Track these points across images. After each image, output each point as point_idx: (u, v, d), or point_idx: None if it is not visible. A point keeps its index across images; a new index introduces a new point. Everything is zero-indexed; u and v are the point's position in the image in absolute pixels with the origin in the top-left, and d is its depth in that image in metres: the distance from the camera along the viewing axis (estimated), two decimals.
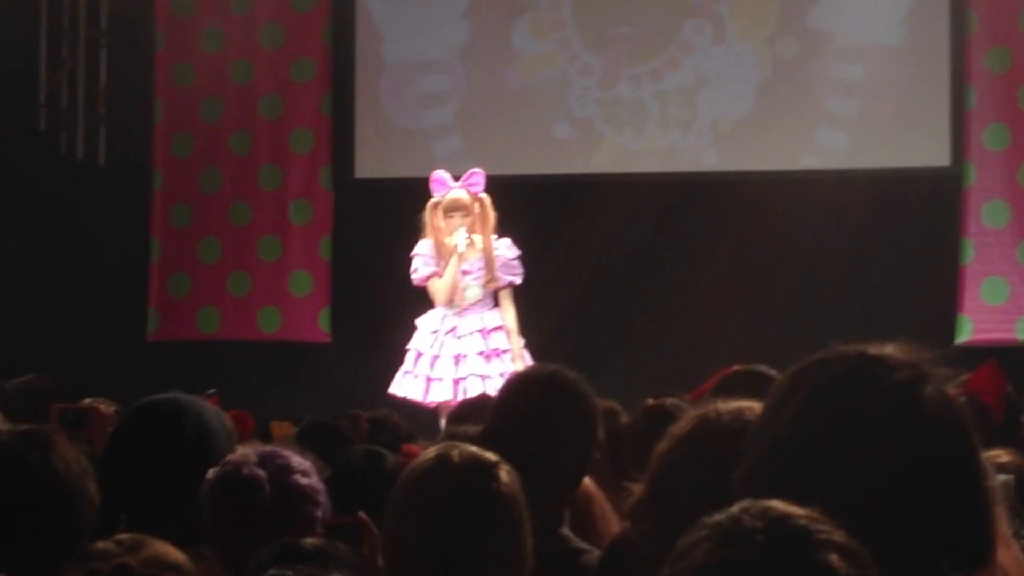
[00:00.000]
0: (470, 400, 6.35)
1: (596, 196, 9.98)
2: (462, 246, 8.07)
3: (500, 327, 8.15)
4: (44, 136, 10.73)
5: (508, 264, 8.20)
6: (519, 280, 8.22)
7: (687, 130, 9.93)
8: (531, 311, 8.39)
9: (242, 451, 3.26)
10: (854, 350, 1.85)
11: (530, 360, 7.90)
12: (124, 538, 2.40)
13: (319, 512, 3.18)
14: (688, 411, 2.58)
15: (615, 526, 3.67)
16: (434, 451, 2.86)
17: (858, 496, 1.71)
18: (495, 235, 8.20)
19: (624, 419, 4.59)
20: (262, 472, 3.16)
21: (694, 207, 9.87)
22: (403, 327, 8.40)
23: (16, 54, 10.49)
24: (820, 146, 9.75)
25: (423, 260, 8.21)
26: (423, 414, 8.04)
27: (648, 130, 9.98)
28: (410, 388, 8.14)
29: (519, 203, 8.85)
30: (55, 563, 2.61)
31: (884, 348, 1.84)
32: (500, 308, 8.20)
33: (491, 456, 2.84)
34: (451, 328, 8.15)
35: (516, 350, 8.09)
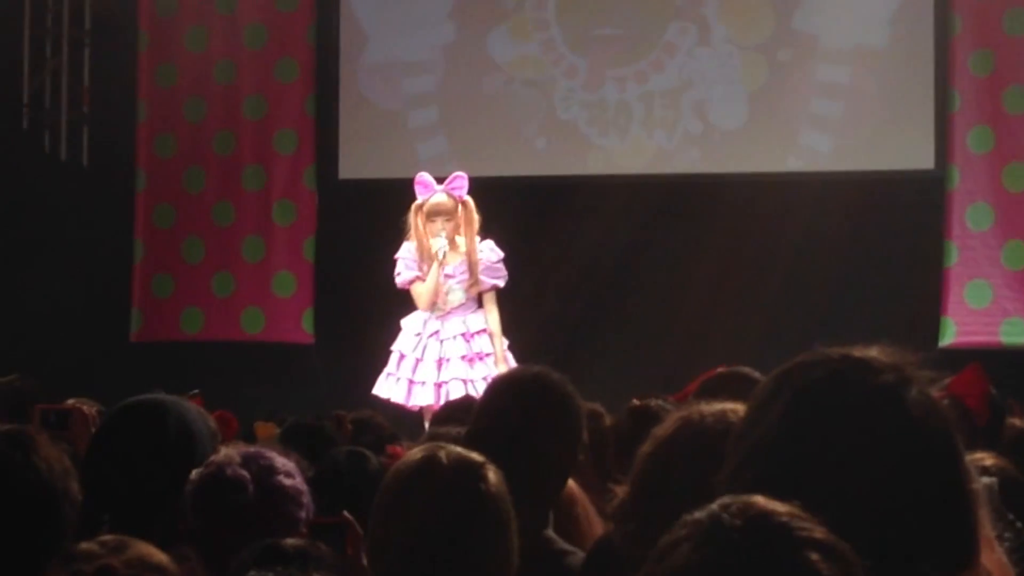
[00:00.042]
0: (454, 401, 6.33)
1: (581, 198, 9.97)
2: (441, 254, 8.04)
3: (483, 330, 8.13)
4: (27, 136, 10.70)
5: (492, 267, 8.18)
6: (503, 283, 8.19)
7: (672, 132, 9.93)
8: (515, 313, 8.38)
9: (226, 452, 3.26)
10: (838, 352, 1.85)
11: (513, 362, 7.88)
12: (107, 539, 2.39)
13: (303, 513, 3.18)
14: (672, 413, 2.58)
15: (598, 528, 3.67)
16: (421, 452, 2.86)
17: (842, 498, 1.71)
18: (479, 237, 8.19)
19: (608, 421, 4.59)
20: (246, 473, 3.16)
21: (679, 209, 9.87)
22: (387, 328, 8.39)
23: None
24: (805, 149, 9.75)
25: (406, 264, 8.18)
26: (407, 415, 8.03)
27: (633, 132, 9.98)
28: (393, 390, 8.13)
29: (503, 205, 8.85)
30: (37, 564, 2.59)
31: (868, 351, 1.85)
32: (484, 311, 8.18)
33: (478, 457, 2.83)
34: (434, 331, 8.13)
35: (499, 353, 8.07)
